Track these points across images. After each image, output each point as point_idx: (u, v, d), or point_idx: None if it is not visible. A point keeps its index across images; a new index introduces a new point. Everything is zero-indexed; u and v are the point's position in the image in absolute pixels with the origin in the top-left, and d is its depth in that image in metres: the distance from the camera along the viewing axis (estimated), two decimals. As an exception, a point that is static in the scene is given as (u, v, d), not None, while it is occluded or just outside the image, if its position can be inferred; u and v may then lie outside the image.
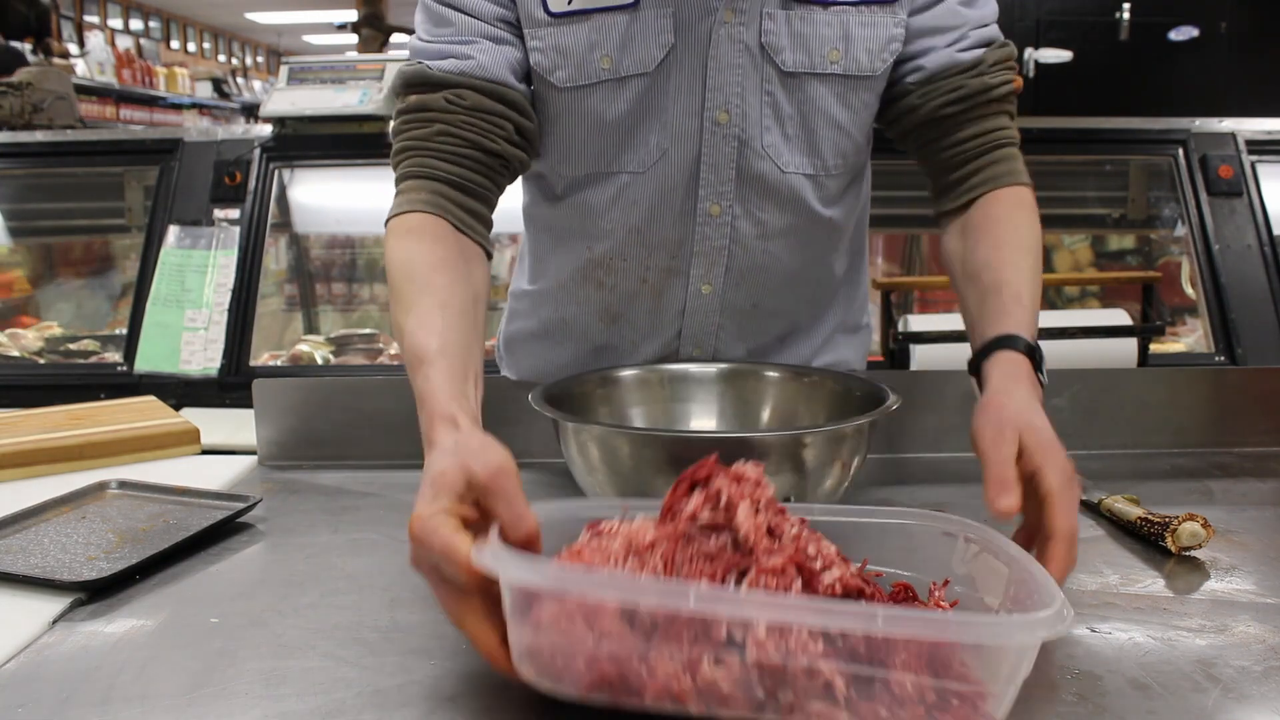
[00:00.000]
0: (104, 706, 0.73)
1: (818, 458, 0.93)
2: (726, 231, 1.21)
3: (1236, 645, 0.80)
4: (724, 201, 1.19)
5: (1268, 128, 2.69)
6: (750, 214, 1.20)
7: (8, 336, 2.85)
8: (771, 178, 1.19)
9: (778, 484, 0.92)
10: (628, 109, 1.15)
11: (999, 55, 1.18)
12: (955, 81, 1.16)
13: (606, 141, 1.18)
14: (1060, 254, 3.10)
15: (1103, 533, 1.05)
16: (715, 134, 1.16)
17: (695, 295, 1.25)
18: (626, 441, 0.96)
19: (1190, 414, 1.34)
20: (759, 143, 1.17)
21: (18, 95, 3.13)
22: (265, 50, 16.02)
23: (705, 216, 1.20)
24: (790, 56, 1.14)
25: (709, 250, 1.22)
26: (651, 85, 1.14)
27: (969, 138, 1.17)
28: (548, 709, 0.70)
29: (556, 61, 1.14)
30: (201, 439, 1.40)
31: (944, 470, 1.27)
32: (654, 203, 1.20)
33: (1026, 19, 4.53)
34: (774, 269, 1.25)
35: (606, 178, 1.20)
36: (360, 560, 0.99)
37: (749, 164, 1.18)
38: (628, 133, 1.17)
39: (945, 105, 1.17)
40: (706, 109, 1.15)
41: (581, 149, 1.19)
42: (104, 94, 8.40)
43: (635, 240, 1.23)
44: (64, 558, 0.96)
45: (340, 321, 3.19)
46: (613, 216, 1.22)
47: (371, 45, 5.71)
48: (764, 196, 1.20)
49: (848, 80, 1.16)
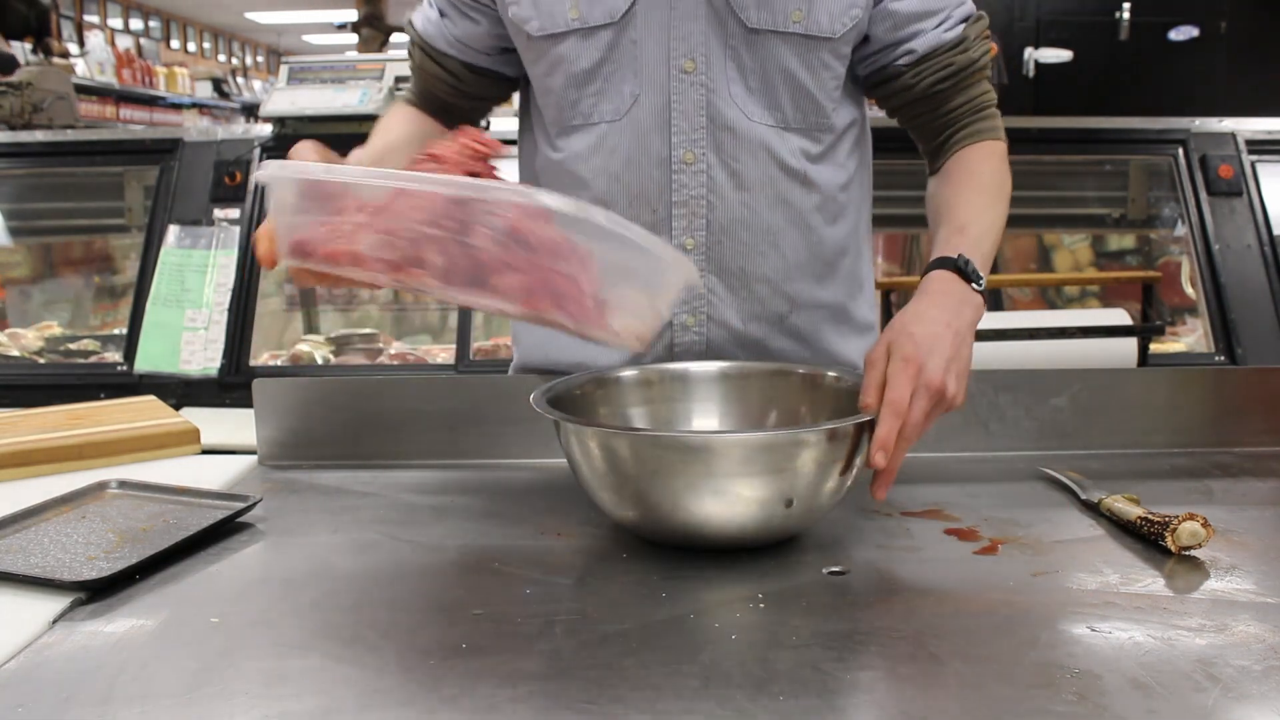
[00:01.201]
0: (104, 706, 0.73)
1: (818, 457, 0.93)
2: (703, 180, 1.26)
3: (1236, 645, 0.80)
4: (697, 149, 1.25)
5: (1268, 128, 2.70)
6: (724, 164, 1.26)
7: (8, 336, 2.85)
8: (740, 126, 1.25)
9: (777, 483, 0.92)
10: (599, 57, 1.24)
11: (978, 29, 1.28)
12: (944, 59, 1.26)
13: (583, 90, 1.26)
14: (1060, 254, 3.10)
15: (1103, 532, 1.05)
16: (683, 81, 1.23)
17: (681, 251, 1.28)
18: (627, 442, 0.95)
19: (1190, 414, 1.34)
20: (726, 91, 1.24)
21: (18, 95, 3.13)
22: (265, 50, 16.03)
23: (680, 164, 1.25)
24: (755, 14, 1.21)
25: (687, 200, 1.26)
26: (619, 35, 1.23)
27: (956, 106, 1.28)
28: (548, 708, 0.70)
29: (530, 13, 1.25)
30: (201, 439, 1.40)
31: (944, 470, 1.27)
32: (631, 150, 1.26)
33: (1026, 19, 4.53)
34: (754, 225, 1.28)
35: (587, 128, 1.27)
36: (360, 560, 0.99)
37: (719, 112, 1.24)
38: (604, 80, 1.25)
39: (937, 82, 1.27)
40: (672, 57, 1.23)
41: (560, 97, 1.27)
42: (104, 94, 8.39)
43: (618, 189, 1.27)
44: (64, 558, 0.96)
45: (340, 321, 3.19)
46: (594, 165, 1.28)
47: (371, 45, 5.71)
48: (736, 145, 1.25)
49: (808, 40, 1.23)
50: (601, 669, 0.76)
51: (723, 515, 0.94)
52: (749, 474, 0.91)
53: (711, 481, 0.91)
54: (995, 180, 1.26)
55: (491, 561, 0.98)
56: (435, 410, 1.29)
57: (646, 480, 0.93)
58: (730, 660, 0.77)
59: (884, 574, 0.95)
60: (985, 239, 1.19)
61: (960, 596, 0.90)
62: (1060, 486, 1.18)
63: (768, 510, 0.93)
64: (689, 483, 0.92)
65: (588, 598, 0.89)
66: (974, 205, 1.22)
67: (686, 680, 0.74)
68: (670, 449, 0.93)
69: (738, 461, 0.91)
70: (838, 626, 0.84)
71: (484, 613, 0.86)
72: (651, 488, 0.93)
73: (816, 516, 1.00)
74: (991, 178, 1.26)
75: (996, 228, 1.22)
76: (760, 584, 0.91)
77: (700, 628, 0.83)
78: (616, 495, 0.97)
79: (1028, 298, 2.92)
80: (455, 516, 1.11)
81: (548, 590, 0.91)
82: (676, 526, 0.95)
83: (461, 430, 1.29)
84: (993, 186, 1.25)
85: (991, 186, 1.25)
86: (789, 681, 0.74)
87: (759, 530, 0.96)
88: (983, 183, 1.25)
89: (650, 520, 0.97)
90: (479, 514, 1.12)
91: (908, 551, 1.00)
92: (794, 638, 0.81)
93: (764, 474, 0.92)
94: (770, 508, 0.93)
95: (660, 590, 0.90)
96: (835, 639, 0.81)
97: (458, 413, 1.29)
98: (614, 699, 0.72)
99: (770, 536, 0.98)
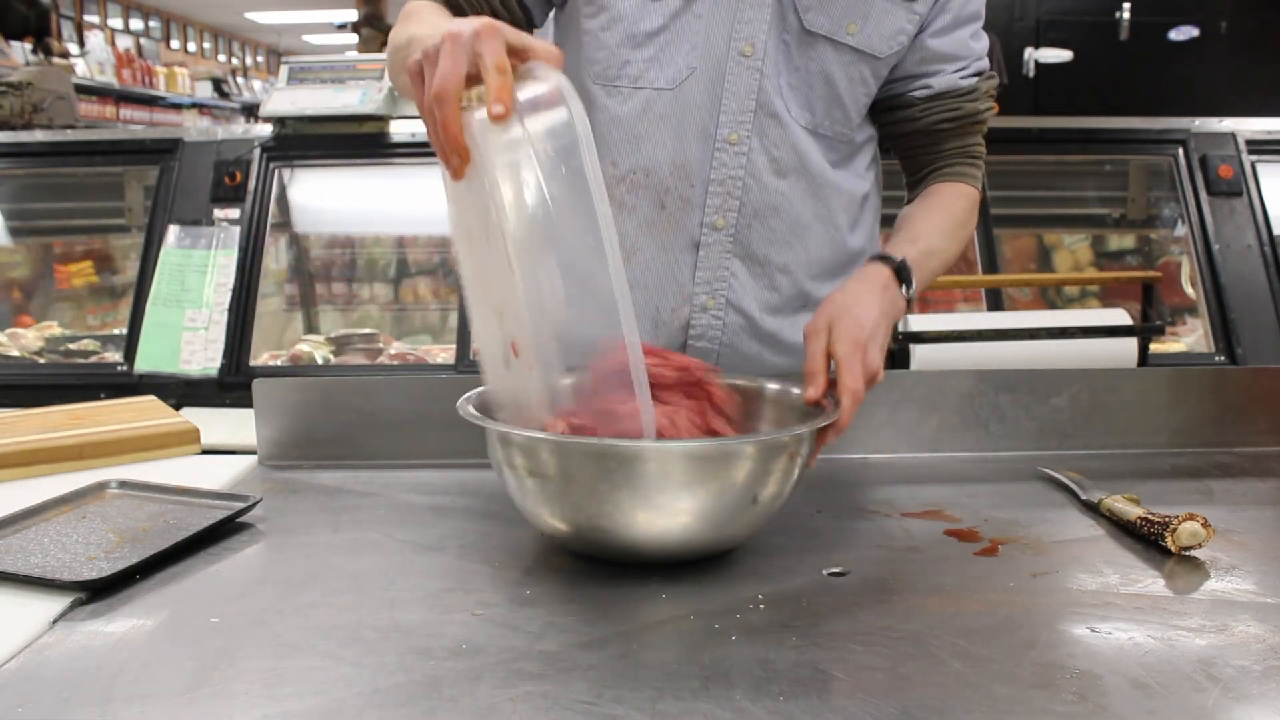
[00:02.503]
0: (104, 706, 0.72)
1: (752, 467, 0.91)
2: (743, 162, 1.28)
3: (1236, 645, 0.80)
4: (742, 130, 1.27)
5: (1268, 128, 2.70)
6: (766, 149, 1.28)
7: (8, 336, 2.85)
8: (783, 117, 1.28)
9: (711, 490, 0.90)
10: (661, 24, 1.25)
11: (988, 85, 1.36)
12: (954, 103, 1.33)
13: (636, 53, 1.27)
14: (1060, 254, 3.10)
15: (1103, 532, 1.05)
16: (740, 64, 1.25)
17: (709, 230, 1.30)
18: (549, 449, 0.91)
19: (1190, 414, 1.34)
20: (776, 81, 1.26)
21: (18, 95, 3.14)
22: (265, 50, 16.02)
23: (723, 143, 1.27)
24: (814, 17, 1.25)
25: (725, 179, 1.28)
26: (687, 6, 1.24)
27: (950, 148, 1.36)
28: (548, 709, 0.70)
29: None
30: (201, 439, 1.40)
31: (944, 470, 1.27)
32: (679, 121, 1.27)
33: (1026, 19, 4.53)
34: (785, 213, 1.30)
35: (633, 91, 1.28)
36: (360, 560, 0.99)
37: (768, 99, 1.27)
38: (659, 48, 1.26)
39: (941, 121, 1.34)
40: (734, 39, 1.25)
41: (612, 54, 1.27)
42: (104, 94, 8.39)
43: (663, 156, 1.29)
44: (64, 558, 0.96)
45: (340, 321, 3.19)
46: (639, 130, 1.28)
47: (371, 45, 5.71)
48: (779, 134, 1.28)
49: (856, 54, 1.27)
50: (601, 669, 0.76)
51: (659, 526, 0.90)
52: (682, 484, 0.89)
53: (644, 492, 0.88)
54: (961, 218, 1.33)
55: (491, 561, 0.98)
56: (435, 410, 1.29)
57: (585, 491, 0.90)
58: (730, 660, 0.77)
59: (884, 574, 0.95)
60: (932, 259, 1.25)
61: (960, 596, 0.90)
62: (1060, 486, 1.18)
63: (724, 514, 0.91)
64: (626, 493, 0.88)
65: (588, 598, 0.89)
66: (935, 228, 1.28)
67: (686, 680, 0.74)
68: (597, 456, 0.89)
69: (673, 470, 0.88)
70: (838, 626, 0.84)
71: (484, 613, 0.86)
72: (591, 499, 0.90)
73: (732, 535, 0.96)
74: (959, 214, 1.33)
75: (945, 256, 1.29)
76: (760, 584, 0.91)
77: (700, 628, 0.83)
78: (548, 511, 0.94)
79: (1028, 298, 2.92)
80: (455, 516, 1.11)
81: (548, 590, 0.91)
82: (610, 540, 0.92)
83: (461, 430, 1.28)
84: (956, 221, 1.32)
85: (956, 220, 1.32)
86: (789, 681, 0.74)
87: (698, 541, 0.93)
88: (950, 213, 1.32)
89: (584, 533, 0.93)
90: (479, 514, 1.12)
91: (908, 551, 1.00)
92: (794, 638, 0.81)
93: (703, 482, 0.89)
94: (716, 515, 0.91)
95: (660, 591, 0.90)
96: (835, 639, 0.81)
97: (458, 413, 1.29)
98: (614, 699, 0.72)
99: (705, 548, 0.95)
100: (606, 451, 0.89)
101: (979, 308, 2.68)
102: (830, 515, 1.10)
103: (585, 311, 0.88)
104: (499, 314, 0.94)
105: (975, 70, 1.34)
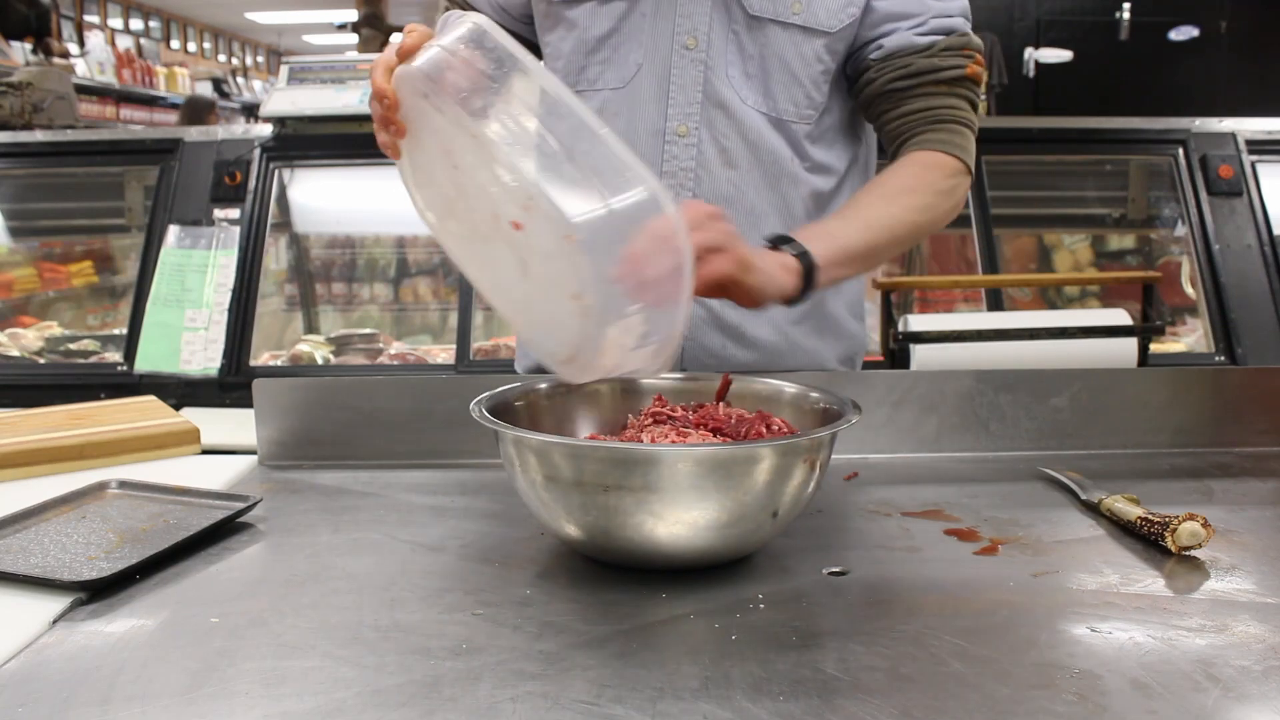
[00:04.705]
0: (104, 706, 0.73)
1: (774, 470, 0.90)
2: (693, 153, 1.30)
3: (1236, 645, 0.80)
4: (690, 123, 1.30)
5: (1268, 128, 2.70)
6: (715, 140, 1.30)
7: (8, 336, 2.85)
8: (733, 106, 1.29)
9: (716, 498, 0.89)
10: (611, 27, 1.30)
11: (953, 42, 1.29)
12: (906, 60, 1.29)
13: (591, 58, 1.32)
14: (1060, 254, 3.10)
15: (1103, 533, 1.05)
16: (684, 57, 1.29)
17: None
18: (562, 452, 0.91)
19: (1190, 414, 1.34)
20: (724, 72, 1.29)
21: (18, 95, 3.14)
22: (265, 50, 16.02)
23: (673, 136, 1.30)
24: (757, 2, 1.27)
25: (676, 172, 1.31)
26: (632, 7, 1.29)
27: (913, 111, 1.29)
28: (548, 709, 0.70)
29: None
30: (201, 439, 1.40)
31: (944, 470, 1.27)
32: (630, 118, 1.31)
33: (1026, 19, 4.53)
34: (738, 203, 1.31)
35: (590, 94, 1.32)
36: (360, 560, 0.99)
37: (714, 89, 1.29)
38: (612, 50, 1.31)
39: (894, 80, 1.29)
40: (676, 33, 1.28)
41: (569, 62, 1.33)
42: (104, 94, 8.39)
43: None
44: (64, 558, 0.96)
45: (340, 321, 3.19)
46: None
47: (371, 45, 5.71)
48: (727, 124, 1.30)
49: (805, 31, 1.28)
50: (601, 669, 0.76)
51: (674, 534, 0.90)
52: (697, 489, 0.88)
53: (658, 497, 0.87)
54: (910, 185, 1.25)
55: (491, 561, 0.98)
56: (435, 410, 1.29)
57: (588, 492, 0.89)
58: (730, 660, 0.77)
59: (884, 574, 0.95)
60: (852, 231, 1.19)
61: (960, 596, 0.90)
62: (1060, 486, 1.18)
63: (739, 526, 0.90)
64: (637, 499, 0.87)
65: (588, 598, 0.89)
66: (860, 204, 1.24)
67: (686, 680, 0.74)
68: (606, 459, 0.88)
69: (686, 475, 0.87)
70: (838, 626, 0.84)
71: (484, 613, 0.86)
72: (593, 499, 0.89)
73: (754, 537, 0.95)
74: (907, 182, 1.25)
75: (876, 224, 1.21)
76: (760, 584, 0.91)
77: (700, 628, 0.83)
78: (562, 512, 0.93)
79: (1028, 298, 2.92)
80: (455, 516, 1.11)
81: (548, 590, 0.91)
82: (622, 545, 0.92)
83: (461, 430, 1.29)
84: (900, 193, 1.24)
85: (899, 193, 1.24)
86: (789, 681, 0.74)
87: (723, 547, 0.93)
88: (891, 187, 1.25)
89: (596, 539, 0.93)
90: (479, 514, 1.12)
91: (908, 551, 1.00)
92: (794, 638, 0.81)
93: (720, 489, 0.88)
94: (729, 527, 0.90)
95: (660, 590, 0.90)
96: (835, 639, 0.81)
97: (458, 413, 1.29)
98: (614, 699, 0.72)
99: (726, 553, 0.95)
100: (624, 456, 0.88)
101: (979, 308, 2.68)
102: (830, 515, 1.10)
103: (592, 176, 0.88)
104: (510, 243, 0.95)
105: (934, 28, 1.28)
